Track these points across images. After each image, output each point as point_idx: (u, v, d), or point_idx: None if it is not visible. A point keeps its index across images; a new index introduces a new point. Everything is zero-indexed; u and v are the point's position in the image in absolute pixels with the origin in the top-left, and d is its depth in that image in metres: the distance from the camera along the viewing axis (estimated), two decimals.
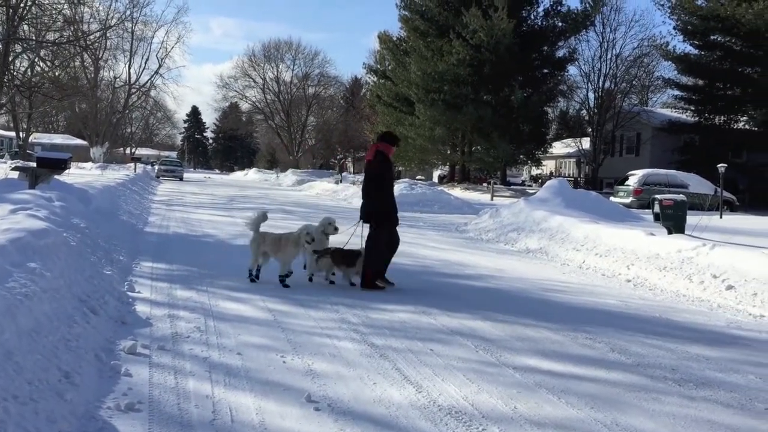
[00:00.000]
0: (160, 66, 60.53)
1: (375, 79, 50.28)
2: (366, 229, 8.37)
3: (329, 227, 8.49)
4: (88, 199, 13.29)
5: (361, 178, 43.71)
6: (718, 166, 20.92)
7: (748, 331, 6.76)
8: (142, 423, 3.78)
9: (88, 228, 9.63)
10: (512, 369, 5.09)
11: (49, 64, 29.54)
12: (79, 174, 31.95)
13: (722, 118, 39.17)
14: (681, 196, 12.73)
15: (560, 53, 42.11)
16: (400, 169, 53.10)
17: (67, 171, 16.43)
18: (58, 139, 74.25)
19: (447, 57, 37.78)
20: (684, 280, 9.04)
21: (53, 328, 4.66)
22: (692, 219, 12.55)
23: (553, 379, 4.88)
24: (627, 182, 28.72)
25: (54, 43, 26.53)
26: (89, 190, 14.88)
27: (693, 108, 40.00)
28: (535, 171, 56.85)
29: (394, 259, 8.49)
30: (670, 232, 11.74)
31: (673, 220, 12.02)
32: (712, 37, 37.84)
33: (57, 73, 30.69)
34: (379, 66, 50.30)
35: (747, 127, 38.46)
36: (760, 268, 8.44)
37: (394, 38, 45.53)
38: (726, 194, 24.62)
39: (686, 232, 11.79)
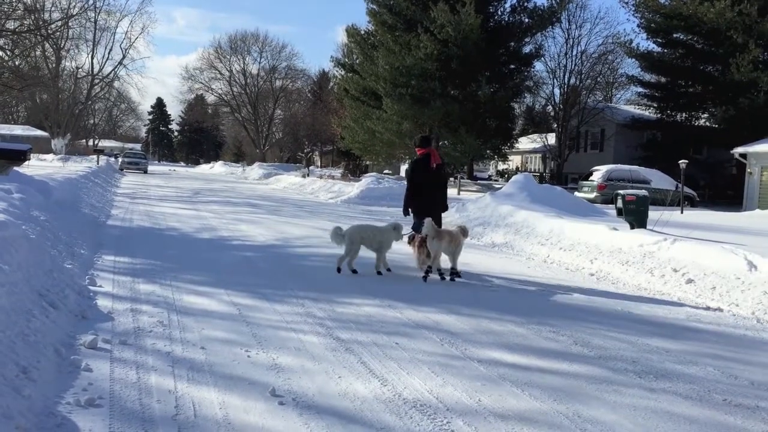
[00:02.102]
0: (123, 57, 59.69)
1: (343, 72, 50.05)
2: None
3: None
4: (49, 191, 13.03)
5: (328, 171, 43.18)
6: (680, 162, 21.33)
7: (707, 324, 6.90)
8: (102, 418, 3.72)
9: (49, 221, 9.45)
10: (477, 362, 5.12)
11: (8, 53, 28.84)
12: (39, 166, 31.37)
13: (684, 115, 39.86)
14: (643, 192, 12.93)
15: (527, 49, 42.38)
16: (368, 163, 53.09)
17: (27, 162, 16.10)
18: (18, 129, 72.59)
19: (415, 51, 37.78)
20: (645, 274, 9.19)
21: (11, 323, 4.56)
22: (654, 214, 12.78)
23: (517, 372, 4.92)
24: (591, 178, 29.10)
25: (14, 32, 25.90)
26: (50, 182, 14.59)
27: (656, 105, 40.62)
28: (501, 166, 57.29)
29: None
30: (632, 227, 11.92)
31: (636, 215, 12.21)
32: (674, 35, 38.47)
33: (17, 63, 30.01)
34: (346, 59, 50.12)
35: (708, 124, 39.19)
36: (719, 262, 8.63)
37: (362, 32, 45.36)
38: (687, 190, 25.11)
39: (648, 227, 11.98)
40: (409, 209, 9.81)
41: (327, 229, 8.52)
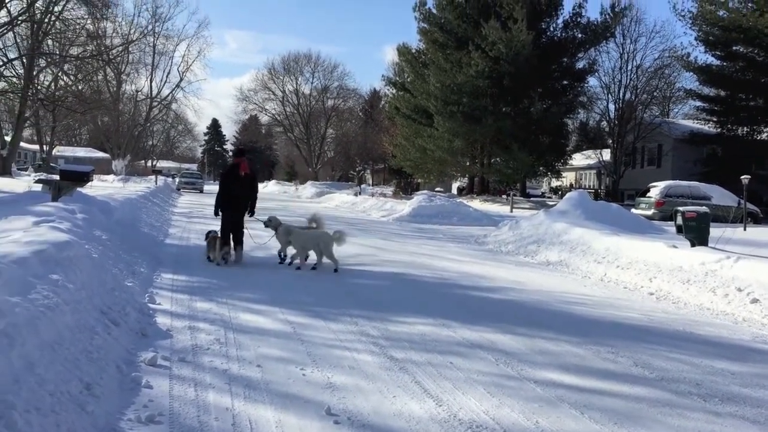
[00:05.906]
0: (181, 79, 61.25)
1: (394, 91, 50.35)
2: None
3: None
4: (110, 211, 13.41)
5: (380, 189, 43.41)
6: (742, 177, 20.63)
7: None
8: None
9: (110, 240, 9.72)
10: (533, 383, 5.03)
11: (72, 78, 29.98)
12: (101, 186, 32.27)
13: (745, 129, 38.74)
14: (704, 208, 12.57)
15: (580, 65, 41.93)
16: (419, 181, 53.10)
17: (89, 183, 16.59)
18: (81, 152, 75.34)
19: (466, 69, 37.77)
20: (708, 293, 8.92)
21: (75, 340, 4.69)
22: (716, 231, 12.39)
23: (575, 394, 4.82)
24: (649, 194, 28.42)
25: (77, 58, 26.91)
26: (111, 202, 15.01)
27: (715, 119, 39.60)
28: (554, 183, 56.57)
29: (414, 272, 8.71)
30: (693, 245, 11.60)
31: (696, 233, 11.88)
32: (734, 48, 37.49)
33: (80, 87, 31.18)
34: (397, 78, 50.40)
35: None
36: None
37: (413, 50, 45.61)
38: (750, 206, 24.28)
39: (710, 245, 11.64)
40: (219, 209, 11.15)
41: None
